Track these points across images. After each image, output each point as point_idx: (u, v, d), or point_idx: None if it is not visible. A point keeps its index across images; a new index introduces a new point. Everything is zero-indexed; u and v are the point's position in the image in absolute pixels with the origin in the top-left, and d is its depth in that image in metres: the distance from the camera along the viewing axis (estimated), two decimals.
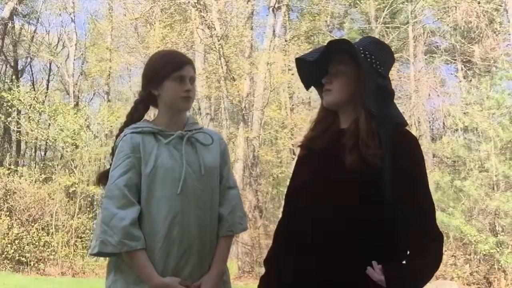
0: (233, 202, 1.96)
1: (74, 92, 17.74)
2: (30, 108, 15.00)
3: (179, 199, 1.80)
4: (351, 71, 1.68)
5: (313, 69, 1.74)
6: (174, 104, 1.89)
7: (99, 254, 1.77)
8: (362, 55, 1.66)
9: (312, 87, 1.86)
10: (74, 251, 12.45)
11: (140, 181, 1.80)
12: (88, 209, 14.06)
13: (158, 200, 1.79)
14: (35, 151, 19.86)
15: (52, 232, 12.44)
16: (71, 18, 18.45)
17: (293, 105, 17.92)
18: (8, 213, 12.31)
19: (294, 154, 14.32)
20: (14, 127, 16.37)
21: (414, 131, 14.56)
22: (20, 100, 14.82)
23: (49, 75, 20.80)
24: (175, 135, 1.87)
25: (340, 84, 1.68)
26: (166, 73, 1.86)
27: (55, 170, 14.36)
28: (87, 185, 13.52)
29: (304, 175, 1.70)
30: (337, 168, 1.58)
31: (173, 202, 1.79)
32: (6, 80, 17.07)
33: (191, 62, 1.95)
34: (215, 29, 13.77)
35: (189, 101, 1.90)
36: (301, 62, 1.76)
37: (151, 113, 2.09)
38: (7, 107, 15.37)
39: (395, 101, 1.78)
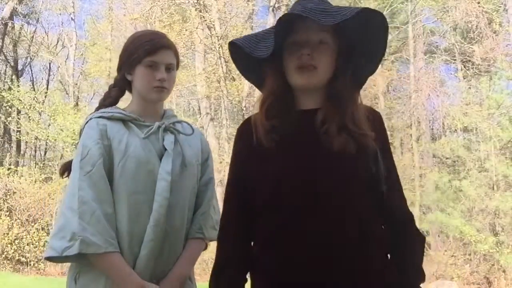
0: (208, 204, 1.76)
1: (74, 92, 17.75)
2: (30, 108, 15.00)
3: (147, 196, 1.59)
4: (333, 41, 1.36)
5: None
6: (144, 93, 1.67)
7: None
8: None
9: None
10: None
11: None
12: None
13: (122, 196, 1.59)
14: (35, 151, 19.85)
15: None
16: (71, 18, 18.49)
17: None
18: (8, 213, 12.31)
19: None
20: (14, 127, 16.38)
21: (414, 131, 14.58)
22: (20, 100, 14.83)
23: (49, 75, 20.81)
24: (154, 127, 1.65)
25: (326, 58, 1.35)
26: (138, 57, 1.64)
27: (55, 170, 14.35)
28: None
29: (282, 170, 1.32)
30: (330, 157, 1.29)
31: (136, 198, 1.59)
32: (6, 80, 17.07)
33: (171, 46, 1.68)
34: (214, 29, 13.77)
35: (161, 92, 1.65)
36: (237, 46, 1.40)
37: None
38: (7, 107, 15.37)
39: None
